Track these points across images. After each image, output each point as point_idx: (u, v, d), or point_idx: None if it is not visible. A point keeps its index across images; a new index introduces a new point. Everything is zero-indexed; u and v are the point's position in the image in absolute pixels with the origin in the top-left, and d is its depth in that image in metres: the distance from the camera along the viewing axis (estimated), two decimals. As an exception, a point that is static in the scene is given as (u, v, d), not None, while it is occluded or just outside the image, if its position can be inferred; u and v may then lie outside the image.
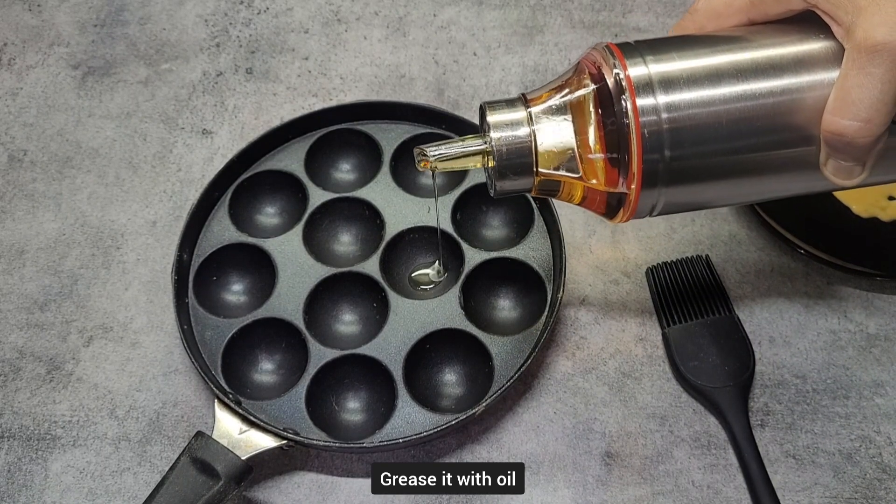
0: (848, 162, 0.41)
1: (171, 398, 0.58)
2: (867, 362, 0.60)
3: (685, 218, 0.66)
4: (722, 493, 0.54)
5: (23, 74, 0.75)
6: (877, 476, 0.55)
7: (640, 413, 0.58)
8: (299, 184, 0.64)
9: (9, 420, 0.57)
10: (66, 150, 0.70)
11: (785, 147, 0.42)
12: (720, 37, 0.43)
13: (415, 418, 0.55)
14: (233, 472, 0.50)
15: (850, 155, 0.40)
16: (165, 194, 0.68)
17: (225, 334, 0.58)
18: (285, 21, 0.78)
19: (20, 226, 0.66)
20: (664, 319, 0.60)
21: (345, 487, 0.55)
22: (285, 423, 0.55)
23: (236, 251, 0.62)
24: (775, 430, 0.57)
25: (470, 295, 0.60)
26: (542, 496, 0.55)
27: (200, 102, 0.73)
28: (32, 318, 0.62)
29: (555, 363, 0.60)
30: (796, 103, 0.41)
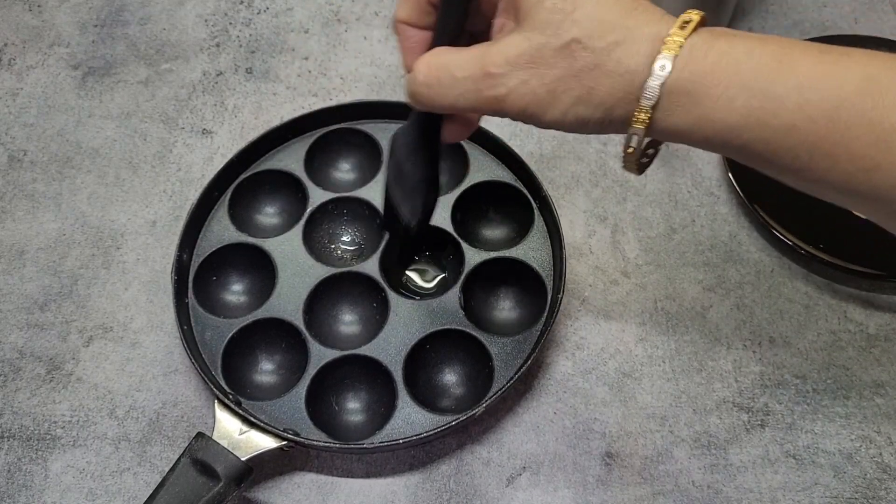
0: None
1: (171, 398, 0.58)
2: (867, 362, 0.60)
3: (685, 218, 0.66)
4: (722, 493, 0.54)
5: (23, 75, 0.75)
6: (877, 476, 0.55)
7: (640, 413, 0.58)
8: (299, 183, 0.64)
9: (9, 420, 0.57)
10: (66, 150, 0.70)
11: None
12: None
13: (415, 419, 0.55)
14: (233, 474, 0.50)
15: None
16: (165, 194, 0.68)
17: (225, 334, 0.58)
18: (285, 21, 0.78)
19: (20, 226, 0.66)
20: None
21: (345, 488, 0.55)
22: (285, 423, 0.54)
23: (236, 251, 0.62)
24: (775, 430, 0.57)
25: (470, 295, 0.60)
26: (542, 496, 0.54)
27: (200, 102, 0.73)
28: (32, 318, 0.62)
29: (555, 363, 0.60)
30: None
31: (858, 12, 0.78)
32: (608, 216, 0.66)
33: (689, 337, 0.61)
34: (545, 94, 0.38)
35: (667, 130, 0.38)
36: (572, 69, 0.37)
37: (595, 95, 0.37)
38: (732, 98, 0.35)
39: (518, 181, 0.64)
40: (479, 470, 0.56)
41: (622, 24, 0.37)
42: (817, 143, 0.34)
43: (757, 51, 0.35)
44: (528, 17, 0.38)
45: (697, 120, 0.36)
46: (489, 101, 0.39)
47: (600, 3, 0.37)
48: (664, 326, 0.61)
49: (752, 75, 0.35)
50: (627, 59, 0.36)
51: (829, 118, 0.34)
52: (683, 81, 0.36)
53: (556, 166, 0.69)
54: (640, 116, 0.37)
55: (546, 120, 0.39)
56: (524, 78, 0.38)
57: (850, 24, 0.77)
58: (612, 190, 0.67)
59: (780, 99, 0.35)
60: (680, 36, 0.36)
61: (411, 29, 0.43)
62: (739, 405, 0.58)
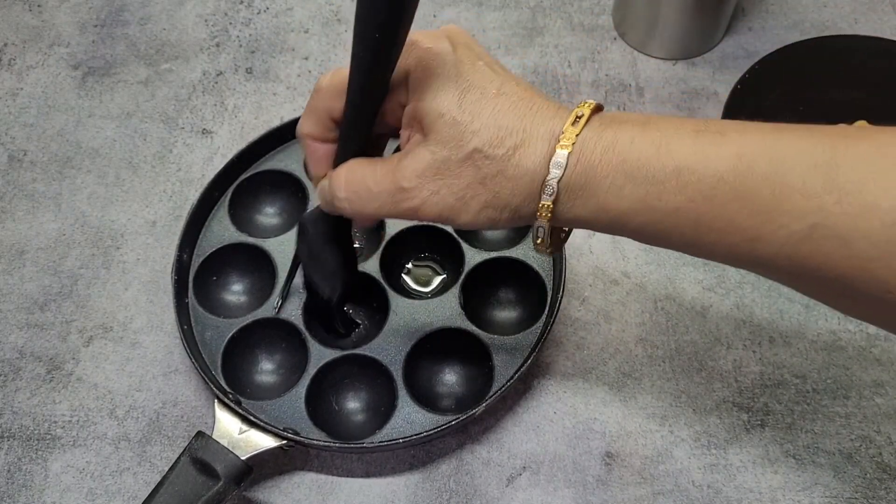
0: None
1: (171, 398, 0.58)
2: (867, 362, 0.60)
3: (685, 218, 0.66)
4: (722, 492, 0.54)
5: (23, 75, 0.75)
6: (877, 476, 0.55)
7: (640, 413, 0.58)
8: (299, 184, 0.64)
9: (9, 420, 0.57)
10: (66, 150, 0.70)
11: None
12: None
13: (415, 418, 0.55)
14: (233, 473, 0.50)
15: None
16: (165, 194, 0.68)
17: (225, 334, 0.58)
18: (285, 21, 0.78)
19: (20, 226, 0.66)
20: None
21: (345, 487, 0.55)
22: (285, 423, 0.54)
23: (236, 251, 0.62)
24: (775, 430, 0.57)
25: (470, 295, 0.60)
26: (542, 496, 0.54)
27: (200, 102, 0.73)
28: (32, 318, 0.62)
29: (555, 363, 0.60)
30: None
31: (858, 12, 0.78)
32: (608, 216, 0.66)
33: (689, 337, 0.61)
34: (455, 202, 0.40)
35: (570, 220, 0.40)
36: (477, 177, 0.39)
37: (501, 198, 0.40)
38: (620, 187, 0.38)
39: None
40: (479, 470, 0.56)
41: (519, 128, 0.39)
42: (700, 219, 0.37)
43: (637, 139, 0.38)
44: (431, 130, 0.40)
45: (595, 209, 0.39)
46: (406, 211, 0.41)
47: (497, 110, 0.39)
48: (664, 326, 0.61)
49: (635, 164, 0.37)
50: (526, 161, 0.39)
51: (706, 197, 0.36)
52: (577, 176, 0.38)
53: (556, 166, 0.69)
54: (543, 212, 0.39)
55: (460, 223, 0.41)
56: (434, 189, 0.40)
57: (850, 24, 0.77)
58: (612, 190, 0.67)
59: (661, 183, 0.37)
60: (572, 132, 0.38)
61: (316, 142, 0.45)
62: (739, 405, 0.58)
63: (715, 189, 0.36)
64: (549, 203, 0.39)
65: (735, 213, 0.36)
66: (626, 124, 0.38)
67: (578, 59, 0.75)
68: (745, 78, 0.68)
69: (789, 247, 0.35)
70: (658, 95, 0.73)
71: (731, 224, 0.36)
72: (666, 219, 0.37)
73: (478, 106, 0.39)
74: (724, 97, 0.68)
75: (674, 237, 0.38)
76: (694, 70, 0.74)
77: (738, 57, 0.75)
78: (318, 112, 0.44)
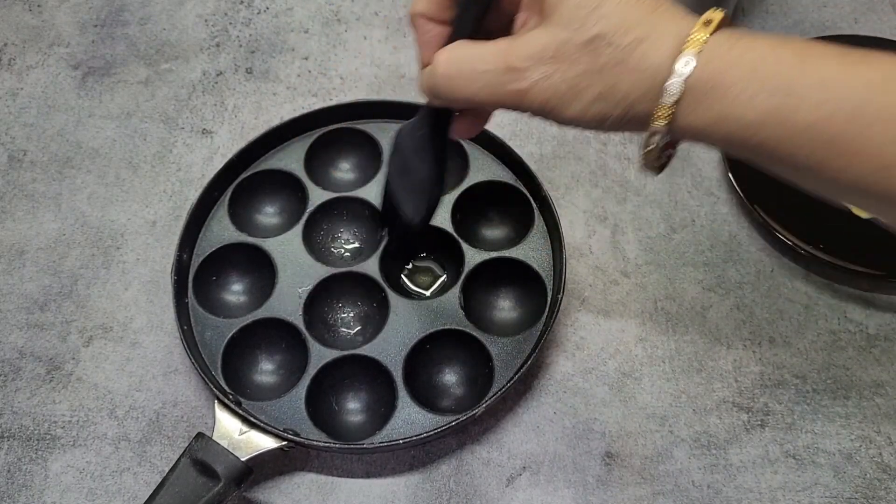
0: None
1: (171, 398, 0.58)
2: (867, 362, 0.59)
3: (685, 218, 0.66)
4: (722, 492, 0.54)
5: (23, 74, 0.75)
6: (877, 476, 0.55)
7: (640, 413, 0.58)
8: (299, 183, 0.64)
9: (9, 420, 0.57)
10: (66, 150, 0.70)
11: None
12: None
13: (415, 419, 0.55)
14: (233, 474, 0.50)
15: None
16: (165, 194, 0.68)
17: (225, 334, 0.58)
18: (285, 21, 0.78)
19: (20, 226, 0.66)
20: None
21: (345, 488, 0.55)
22: (285, 423, 0.54)
23: (236, 251, 0.62)
24: (775, 430, 0.57)
25: (470, 295, 0.60)
26: (542, 496, 0.54)
27: (200, 102, 0.73)
28: (32, 318, 0.62)
29: (555, 363, 0.60)
30: None
31: (858, 12, 0.78)
32: (608, 216, 0.66)
33: (689, 337, 0.61)
34: (567, 90, 0.38)
35: (687, 128, 0.38)
36: (595, 65, 0.37)
37: (617, 91, 0.37)
38: (753, 95, 0.35)
39: (518, 181, 0.64)
40: (479, 470, 0.56)
41: (646, 22, 0.37)
42: (834, 140, 0.35)
43: (779, 49, 0.36)
44: (552, 12, 0.38)
45: (718, 117, 0.36)
46: (510, 94, 0.39)
47: (624, 1, 0.37)
48: (664, 326, 0.61)
49: (773, 73, 0.35)
50: (651, 55, 0.37)
51: (848, 116, 0.34)
52: (705, 78, 0.36)
53: (555, 166, 0.69)
54: (662, 113, 0.37)
55: (566, 115, 0.39)
56: (547, 73, 0.38)
57: (850, 23, 0.77)
58: (612, 190, 0.67)
59: (800, 96, 0.35)
60: (703, 34, 0.36)
61: (429, 23, 0.43)
62: (739, 405, 0.58)
63: (859, 108, 0.34)
64: (671, 104, 0.36)
65: (875, 135, 0.34)
66: (763, 36, 0.36)
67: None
68: (745, 78, 0.68)
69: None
70: (658, 95, 0.72)
71: (867, 148, 0.34)
72: (797, 135, 0.35)
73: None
74: (725, 97, 0.68)
75: (798, 157, 0.36)
76: (694, 70, 0.74)
77: (738, 57, 0.75)
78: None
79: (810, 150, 0.35)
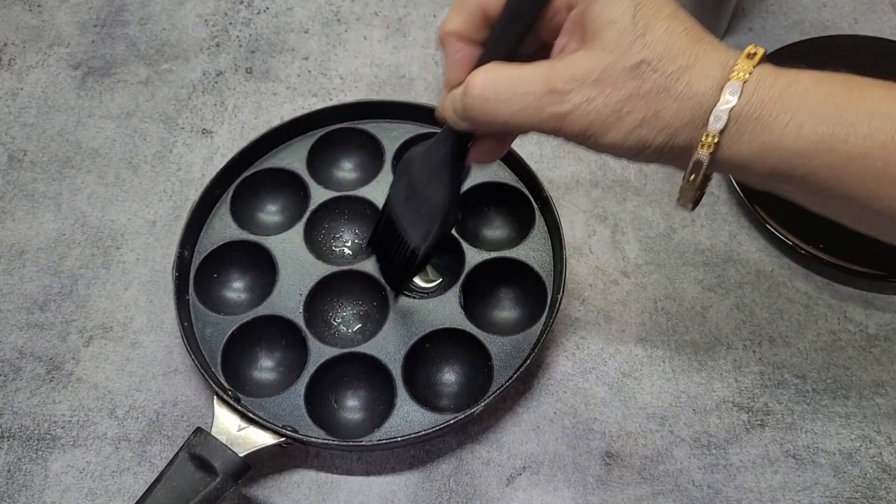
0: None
1: (171, 398, 0.58)
2: (867, 362, 0.59)
3: (685, 218, 0.66)
4: (722, 492, 0.54)
5: (23, 74, 0.75)
6: (877, 476, 0.55)
7: (640, 413, 0.58)
8: (301, 182, 0.64)
9: (9, 420, 0.57)
10: (66, 150, 0.70)
11: None
12: None
13: (414, 417, 0.55)
14: (230, 469, 0.50)
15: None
16: (165, 194, 0.68)
17: (225, 331, 0.58)
18: (285, 21, 0.78)
19: (20, 226, 0.66)
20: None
21: (344, 486, 0.55)
22: (284, 420, 0.54)
23: (237, 248, 0.62)
24: (775, 430, 0.57)
25: (470, 295, 0.60)
26: (542, 496, 0.54)
27: (200, 102, 0.73)
28: (32, 318, 0.62)
29: (555, 363, 0.60)
30: None
31: (858, 12, 0.78)
32: (608, 216, 0.66)
33: (689, 337, 0.61)
34: (609, 114, 0.37)
35: (730, 158, 0.37)
36: (640, 91, 0.37)
37: (660, 118, 0.37)
38: (801, 124, 0.35)
39: (519, 182, 0.64)
40: (479, 469, 0.56)
41: (691, 51, 0.37)
42: (886, 169, 0.34)
43: (826, 80, 0.36)
44: (596, 36, 0.37)
45: (764, 147, 0.36)
46: (550, 118, 0.38)
47: (671, 29, 0.37)
48: (664, 326, 0.61)
49: (821, 102, 0.35)
50: (696, 83, 0.36)
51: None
52: (752, 108, 0.36)
53: (556, 166, 0.69)
54: (707, 142, 0.37)
55: (606, 140, 0.38)
56: (590, 96, 0.37)
57: (850, 23, 0.77)
58: (612, 190, 0.67)
59: (850, 125, 0.34)
60: (748, 64, 0.36)
61: (460, 42, 0.42)
62: (739, 405, 0.58)
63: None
64: (716, 132, 0.36)
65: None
66: (806, 71, 0.36)
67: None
68: (745, 78, 0.68)
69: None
70: (658, 95, 0.72)
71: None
72: (847, 164, 0.35)
73: (652, 21, 0.37)
74: (724, 97, 0.68)
75: (849, 187, 0.35)
76: (694, 70, 0.74)
77: (738, 57, 0.75)
78: (470, 6, 0.41)
79: (861, 179, 0.35)
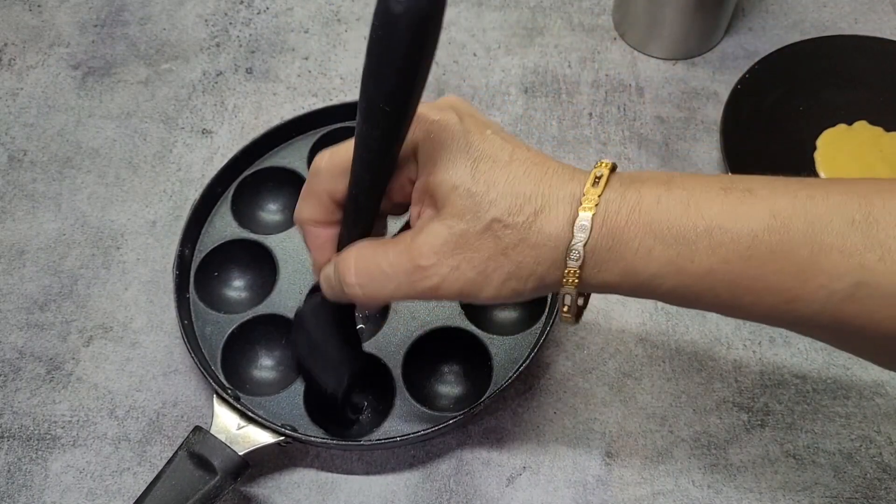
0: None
1: (171, 398, 0.58)
2: (867, 362, 0.59)
3: (685, 218, 0.66)
4: (722, 492, 0.54)
5: (23, 74, 0.75)
6: (877, 476, 0.55)
7: (640, 413, 0.58)
8: (302, 181, 0.63)
9: (9, 420, 0.57)
10: (66, 150, 0.70)
11: None
12: None
13: (413, 417, 0.55)
14: (229, 468, 0.50)
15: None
16: (165, 194, 0.68)
17: (225, 330, 0.58)
18: (285, 21, 0.78)
19: (20, 226, 0.66)
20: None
21: (345, 486, 0.55)
22: (283, 419, 0.54)
23: (238, 247, 0.62)
24: (775, 430, 0.57)
25: (470, 294, 0.60)
26: (542, 496, 0.54)
27: (200, 102, 0.73)
28: (32, 318, 0.62)
29: (555, 363, 0.60)
30: None
31: (858, 12, 0.78)
32: (608, 216, 0.66)
33: (689, 337, 0.61)
34: (476, 276, 0.38)
35: (597, 285, 0.38)
36: (498, 248, 0.38)
37: (524, 268, 0.38)
38: (649, 249, 0.36)
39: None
40: (479, 469, 0.55)
41: (537, 193, 0.37)
42: (735, 281, 0.35)
43: (664, 199, 0.36)
44: (444, 204, 0.38)
45: (623, 272, 0.37)
46: (424, 291, 0.39)
47: (512, 177, 0.38)
48: (664, 326, 0.61)
49: (663, 225, 0.36)
50: (548, 226, 0.37)
51: (742, 258, 0.35)
52: (603, 238, 0.37)
53: (556, 166, 0.69)
54: (570, 278, 0.38)
55: (482, 297, 0.39)
56: (453, 265, 0.38)
57: (850, 23, 0.77)
58: (612, 190, 0.67)
59: (692, 244, 0.35)
60: (594, 194, 0.37)
61: (318, 227, 0.43)
62: (739, 405, 0.58)
63: (750, 249, 0.35)
64: (576, 268, 0.37)
65: (772, 273, 0.34)
66: (649, 183, 0.37)
67: (578, 59, 0.75)
68: (745, 78, 0.68)
69: (831, 306, 0.34)
70: (658, 95, 0.73)
71: (769, 285, 0.35)
72: (699, 281, 0.36)
73: (492, 175, 0.37)
74: (725, 97, 0.68)
75: (707, 299, 0.37)
76: (694, 70, 0.74)
77: (738, 57, 0.75)
78: (319, 195, 0.42)
79: (715, 293, 0.36)
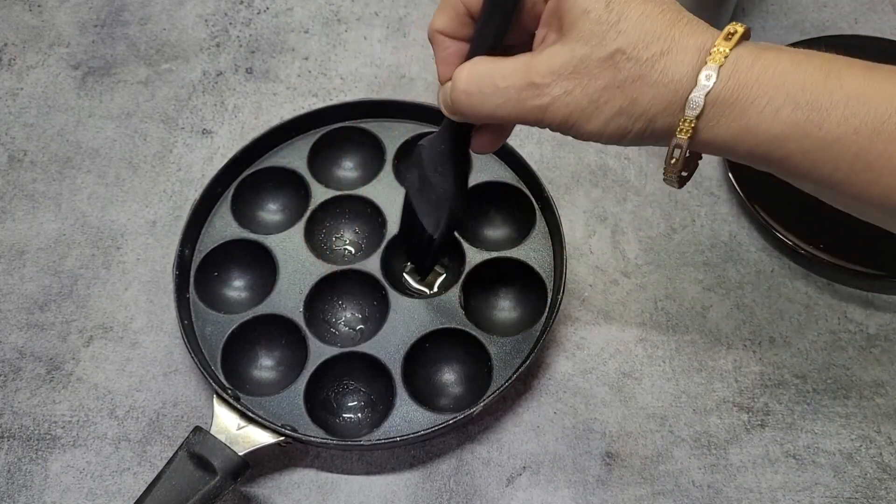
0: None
1: (171, 398, 0.58)
2: (867, 362, 0.59)
3: (685, 218, 0.66)
4: (722, 492, 0.54)
5: (23, 75, 0.75)
6: (877, 476, 0.55)
7: (640, 413, 0.58)
8: (302, 181, 0.64)
9: (9, 420, 0.57)
10: (66, 150, 0.70)
11: None
12: None
13: (413, 417, 0.55)
14: (229, 468, 0.50)
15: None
16: (165, 194, 0.68)
17: (225, 330, 0.58)
18: (285, 21, 0.78)
19: (20, 226, 0.66)
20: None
21: (345, 486, 0.55)
22: (283, 419, 0.54)
23: (238, 247, 0.62)
24: (775, 430, 0.57)
25: (470, 295, 0.60)
26: (542, 496, 0.54)
27: (200, 102, 0.73)
28: (32, 318, 0.62)
29: (555, 363, 0.60)
30: None
31: (858, 12, 0.78)
32: (608, 216, 0.66)
33: (689, 337, 0.61)
34: (588, 105, 0.38)
35: (709, 141, 0.38)
36: (616, 79, 0.37)
37: (637, 106, 0.37)
38: (777, 109, 0.35)
39: (520, 182, 0.64)
40: (479, 469, 0.56)
41: (667, 35, 0.37)
42: (860, 155, 0.35)
43: (804, 63, 0.36)
44: (572, 28, 0.38)
45: (741, 130, 0.36)
46: (531, 110, 0.39)
47: (645, 13, 0.37)
48: (664, 326, 0.61)
49: (798, 87, 0.35)
50: (672, 69, 0.37)
51: (874, 131, 0.34)
52: (728, 92, 0.36)
53: (556, 166, 0.69)
54: (684, 127, 0.37)
55: (586, 130, 0.39)
56: (568, 88, 0.38)
57: (850, 23, 0.77)
58: (612, 190, 0.67)
59: (825, 110, 0.35)
60: (725, 47, 0.36)
61: (448, 39, 0.43)
62: (739, 405, 0.58)
63: (885, 124, 0.34)
64: (693, 118, 0.36)
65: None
66: (787, 50, 0.36)
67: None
68: (745, 78, 0.68)
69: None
70: (658, 95, 0.72)
71: (893, 164, 0.34)
72: (822, 150, 0.35)
73: (626, 7, 0.37)
74: (724, 97, 0.68)
75: (824, 171, 0.36)
76: (694, 70, 0.74)
77: (738, 57, 0.75)
78: (455, 3, 0.42)
79: (835, 164, 0.35)
